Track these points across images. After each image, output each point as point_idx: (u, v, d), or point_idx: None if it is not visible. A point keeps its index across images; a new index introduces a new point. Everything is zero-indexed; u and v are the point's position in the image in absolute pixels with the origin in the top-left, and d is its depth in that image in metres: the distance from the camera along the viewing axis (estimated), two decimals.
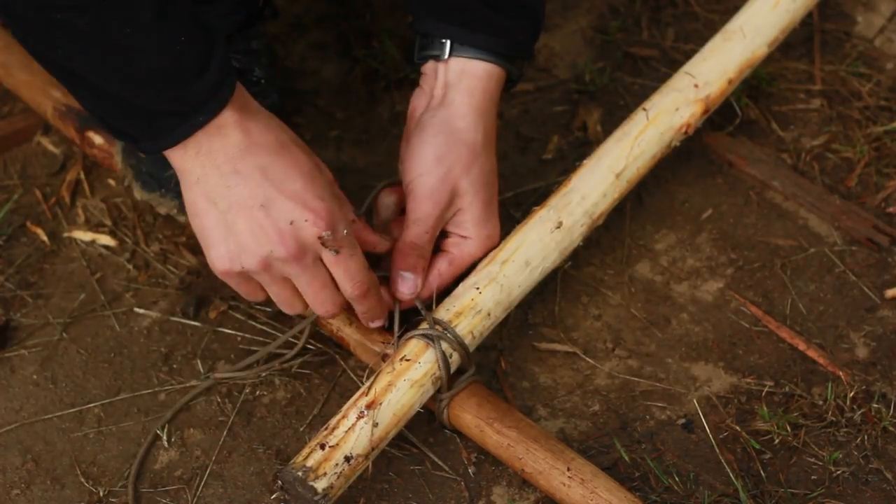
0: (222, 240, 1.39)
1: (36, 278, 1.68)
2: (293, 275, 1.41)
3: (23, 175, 1.79)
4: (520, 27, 1.54)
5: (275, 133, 1.39)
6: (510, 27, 1.53)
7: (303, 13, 1.97)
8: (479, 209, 1.53)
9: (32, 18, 1.29)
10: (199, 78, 1.33)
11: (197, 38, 1.33)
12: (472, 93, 1.53)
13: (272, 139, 1.39)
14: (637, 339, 1.63)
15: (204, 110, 1.35)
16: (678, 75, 1.68)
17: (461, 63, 1.53)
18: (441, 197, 1.50)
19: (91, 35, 1.29)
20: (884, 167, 1.78)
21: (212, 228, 1.39)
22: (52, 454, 1.53)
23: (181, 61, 1.32)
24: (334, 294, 1.44)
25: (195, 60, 1.33)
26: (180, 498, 1.49)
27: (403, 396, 1.44)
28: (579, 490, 1.42)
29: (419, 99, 1.57)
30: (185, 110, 1.34)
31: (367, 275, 1.45)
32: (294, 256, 1.39)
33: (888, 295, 1.66)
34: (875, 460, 1.52)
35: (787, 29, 1.75)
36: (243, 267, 1.40)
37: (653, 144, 1.62)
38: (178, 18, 1.32)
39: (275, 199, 1.37)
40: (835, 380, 1.58)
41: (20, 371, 1.60)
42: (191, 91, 1.33)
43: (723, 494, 1.49)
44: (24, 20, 1.30)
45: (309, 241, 1.39)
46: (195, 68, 1.33)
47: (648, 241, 1.72)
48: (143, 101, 1.34)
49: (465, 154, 1.51)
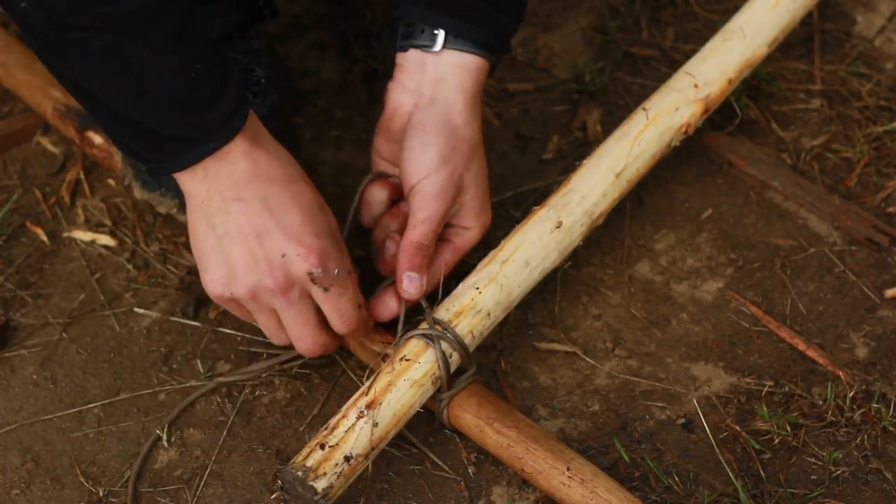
0: (217, 265, 1.40)
1: (36, 278, 1.68)
2: (279, 307, 1.42)
3: (22, 175, 1.79)
4: (508, 21, 1.53)
5: (282, 166, 1.40)
6: (499, 20, 1.52)
7: (303, 13, 1.97)
8: (479, 201, 1.54)
9: (49, 36, 1.29)
10: (213, 106, 1.34)
11: (213, 66, 1.34)
12: (467, 88, 1.52)
13: (279, 171, 1.39)
14: (637, 339, 1.63)
15: (215, 138, 1.35)
16: (678, 75, 1.68)
17: (455, 56, 1.52)
18: (448, 195, 1.51)
19: (105, 56, 1.29)
20: (884, 167, 1.78)
21: (208, 252, 1.40)
22: (52, 454, 1.53)
23: (195, 88, 1.32)
24: (316, 333, 1.45)
25: (210, 88, 1.34)
26: (180, 498, 1.49)
27: (403, 396, 1.44)
28: (579, 490, 1.42)
29: (402, 94, 1.54)
30: (196, 137, 1.35)
31: (357, 314, 1.45)
32: (281, 289, 1.40)
33: (888, 295, 1.66)
34: (875, 460, 1.52)
35: (786, 29, 1.75)
36: (233, 293, 1.41)
37: (653, 144, 1.62)
38: (194, 44, 1.32)
39: (271, 231, 1.38)
40: (835, 380, 1.58)
41: (20, 371, 1.60)
42: (203, 118, 1.34)
43: (723, 494, 1.49)
44: (40, 36, 1.30)
45: (298, 275, 1.40)
46: (209, 96, 1.34)
47: (648, 240, 1.72)
48: (155, 124, 1.34)
49: (466, 151, 1.51)
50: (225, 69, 1.35)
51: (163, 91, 1.31)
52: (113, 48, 1.28)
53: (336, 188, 1.75)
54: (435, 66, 1.52)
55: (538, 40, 1.95)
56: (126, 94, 1.32)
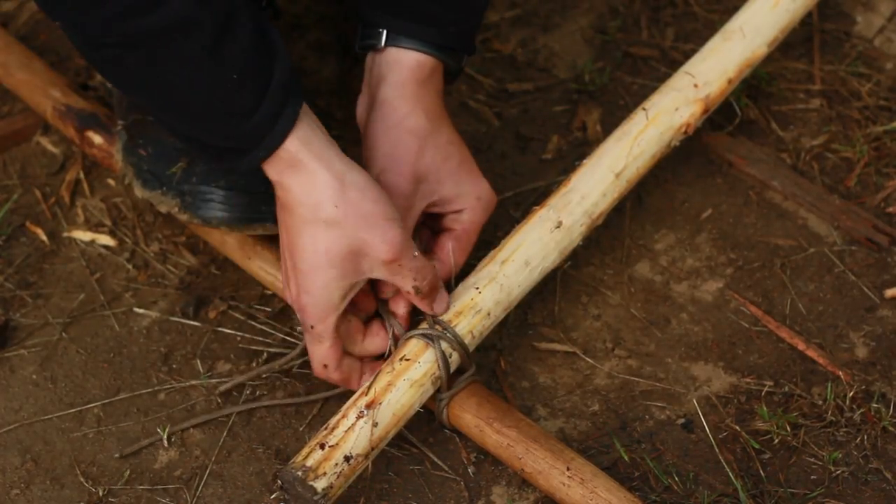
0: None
1: (35, 278, 1.68)
2: None
3: (22, 175, 1.79)
4: (456, 19, 1.53)
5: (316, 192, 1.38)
6: (445, 18, 1.51)
7: (303, 13, 1.97)
8: (452, 180, 1.53)
9: (87, 53, 1.32)
10: (252, 114, 1.34)
11: (252, 71, 1.33)
12: (404, 83, 1.52)
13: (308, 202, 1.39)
14: (637, 339, 1.63)
15: (262, 146, 1.36)
16: (678, 75, 1.68)
17: (393, 53, 1.52)
18: (405, 189, 1.50)
19: (140, 71, 1.30)
20: (883, 167, 1.78)
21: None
22: (52, 454, 1.53)
23: (233, 97, 1.33)
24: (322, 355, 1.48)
25: (249, 95, 1.33)
26: (180, 498, 1.49)
27: (403, 396, 1.43)
28: (579, 490, 1.42)
29: (361, 105, 1.57)
30: (244, 146, 1.36)
31: (319, 370, 1.48)
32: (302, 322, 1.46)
33: (888, 295, 1.66)
34: (875, 460, 1.52)
35: (786, 29, 1.75)
36: None
37: (652, 144, 1.62)
38: (233, 50, 1.31)
39: (286, 261, 1.44)
40: (834, 380, 1.58)
41: (20, 371, 1.60)
42: (244, 128, 1.34)
43: (722, 494, 1.49)
44: (82, 53, 1.34)
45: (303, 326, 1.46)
46: (249, 104, 1.33)
47: (648, 240, 1.72)
48: (200, 136, 1.37)
49: (411, 141, 1.51)
50: (267, 72, 1.34)
51: (201, 103, 1.32)
52: (146, 63, 1.29)
53: None
54: (378, 65, 1.53)
55: (538, 40, 1.95)
56: (167, 107, 1.34)
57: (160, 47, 1.28)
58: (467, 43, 1.55)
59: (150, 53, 1.28)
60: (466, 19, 1.54)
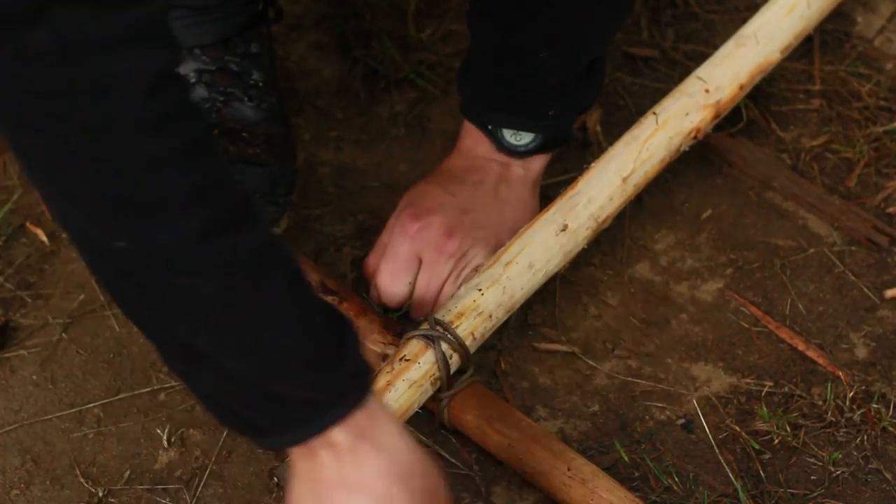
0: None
1: (36, 279, 1.68)
2: None
3: (23, 175, 1.79)
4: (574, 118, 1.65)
5: (374, 476, 1.20)
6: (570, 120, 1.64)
7: (303, 13, 1.97)
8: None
9: (149, 284, 1.10)
10: (338, 364, 1.17)
11: (330, 317, 1.18)
12: (537, 182, 1.65)
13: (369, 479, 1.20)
14: (636, 339, 1.63)
15: (342, 403, 1.17)
16: (689, 79, 1.68)
17: (531, 162, 1.61)
18: None
19: (218, 306, 1.10)
20: (883, 167, 1.78)
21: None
22: (52, 454, 1.53)
23: (320, 342, 1.15)
24: None
25: (332, 342, 1.17)
26: (180, 498, 1.49)
27: (402, 396, 1.43)
28: (579, 490, 1.42)
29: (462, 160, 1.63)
30: (323, 400, 1.16)
31: None
32: None
33: (888, 295, 1.66)
34: (875, 460, 1.52)
35: (801, 35, 1.75)
36: None
37: (661, 149, 1.62)
38: (309, 292, 1.16)
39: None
40: (834, 380, 1.58)
41: (20, 371, 1.60)
42: (329, 378, 1.16)
43: (722, 494, 1.49)
44: (141, 288, 1.10)
45: None
46: (333, 352, 1.16)
47: (648, 241, 1.72)
48: (280, 386, 1.15)
49: None
50: (341, 329, 1.18)
51: (287, 347, 1.13)
52: (226, 296, 1.09)
53: (335, 188, 1.75)
54: (515, 167, 1.62)
55: None
56: (243, 350, 1.12)
57: (243, 276, 1.10)
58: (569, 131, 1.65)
59: (231, 283, 1.10)
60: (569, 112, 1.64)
